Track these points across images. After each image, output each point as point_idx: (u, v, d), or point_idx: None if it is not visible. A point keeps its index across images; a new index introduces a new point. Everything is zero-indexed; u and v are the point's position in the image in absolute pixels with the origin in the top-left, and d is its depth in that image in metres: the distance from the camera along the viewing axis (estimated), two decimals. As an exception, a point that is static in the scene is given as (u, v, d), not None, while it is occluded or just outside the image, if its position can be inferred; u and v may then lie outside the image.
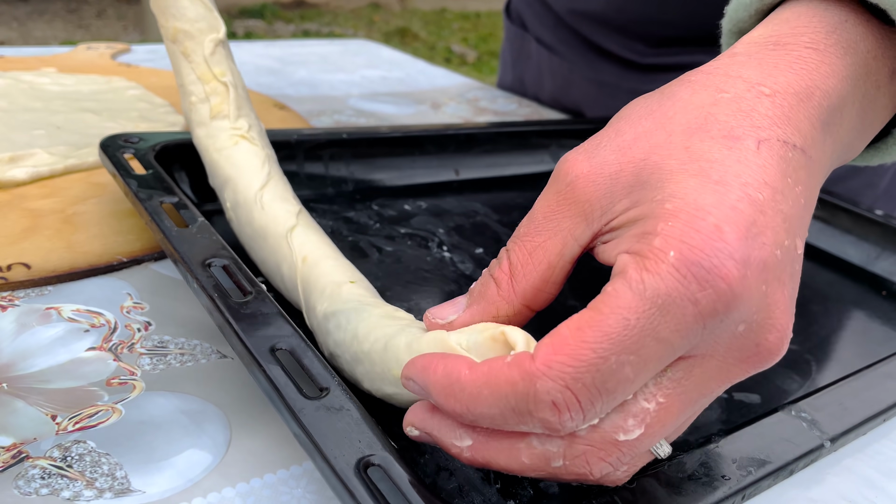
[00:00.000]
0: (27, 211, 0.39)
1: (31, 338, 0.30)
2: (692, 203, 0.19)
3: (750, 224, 0.19)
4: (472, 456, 0.21)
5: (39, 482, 0.23)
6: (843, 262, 0.46)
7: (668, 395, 0.19)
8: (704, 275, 0.18)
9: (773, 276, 0.19)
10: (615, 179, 0.21)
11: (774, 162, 0.20)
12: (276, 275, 0.31)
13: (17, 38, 3.43)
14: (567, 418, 0.18)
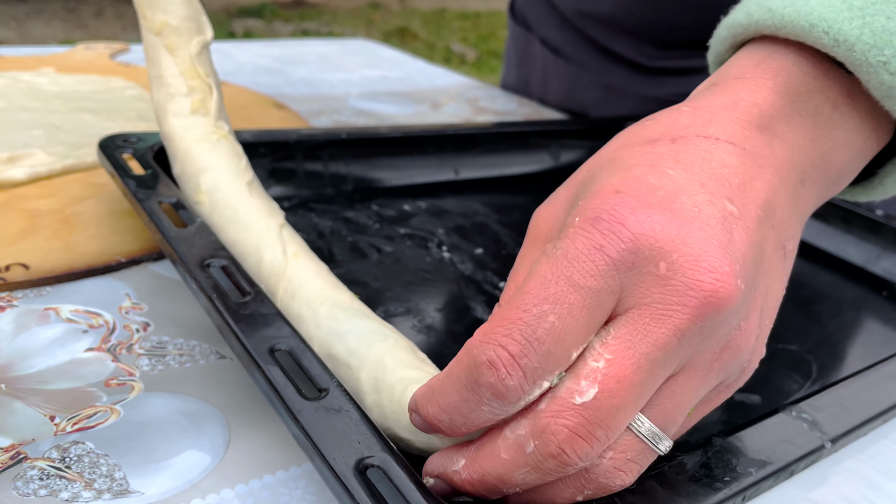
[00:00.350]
0: (25, 211, 0.39)
1: (30, 338, 0.30)
2: (601, 185, 0.21)
3: (652, 188, 0.20)
4: (469, 474, 0.21)
5: (38, 483, 0.23)
6: (844, 263, 0.46)
7: (614, 351, 0.19)
8: (605, 226, 0.20)
9: (686, 222, 0.20)
10: (563, 204, 0.23)
11: (689, 150, 0.22)
12: (252, 259, 0.31)
13: (16, 37, 3.43)
14: (505, 374, 0.19)
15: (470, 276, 0.39)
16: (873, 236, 0.45)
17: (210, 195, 0.33)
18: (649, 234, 0.19)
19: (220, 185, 0.33)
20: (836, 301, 0.42)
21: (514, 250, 0.42)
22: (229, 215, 0.32)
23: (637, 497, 0.22)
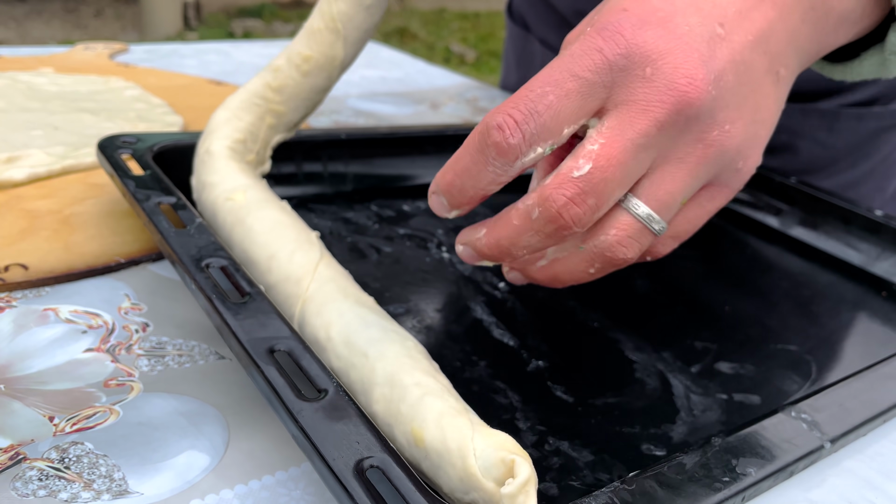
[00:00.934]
0: (24, 212, 0.39)
1: (29, 339, 0.30)
2: (612, 4, 0.25)
3: (654, 9, 0.24)
4: (487, 239, 0.26)
5: (37, 484, 0.23)
6: (843, 263, 0.46)
7: (606, 136, 0.24)
8: (607, 33, 0.24)
9: (677, 38, 0.24)
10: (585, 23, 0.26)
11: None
12: (285, 251, 0.31)
13: (15, 37, 3.43)
14: (508, 135, 0.23)
15: (469, 276, 0.39)
16: (872, 236, 0.45)
17: (246, 193, 0.34)
18: (642, 44, 0.24)
19: (258, 191, 0.35)
20: (836, 301, 0.42)
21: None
22: (267, 214, 0.33)
23: (636, 497, 0.22)
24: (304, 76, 0.39)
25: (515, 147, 0.23)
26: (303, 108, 0.40)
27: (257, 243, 0.31)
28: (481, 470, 0.21)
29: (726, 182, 0.28)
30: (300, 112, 0.40)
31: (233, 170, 0.36)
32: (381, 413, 0.24)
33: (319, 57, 0.39)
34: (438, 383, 0.25)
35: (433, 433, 0.22)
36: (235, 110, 0.39)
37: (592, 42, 0.24)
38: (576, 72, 0.24)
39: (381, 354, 0.25)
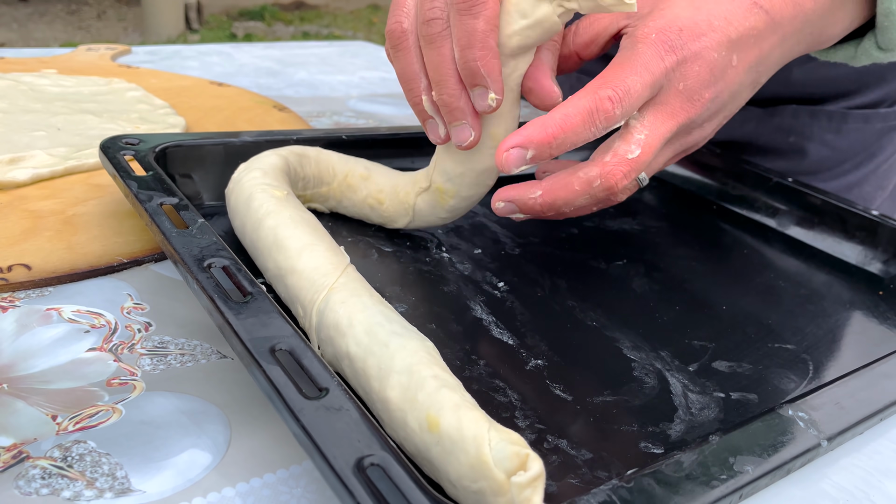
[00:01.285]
0: (27, 212, 0.39)
1: (32, 338, 0.30)
2: (675, 15, 0.33)
3: (701, 34, 0.33)
4: (543, 199, 0.33)
5: (40, 482, 0.23)
6: (840, 262, 0.46)
7: (648, 129, 0.33)
8: (665, 44, 0.32)
9: (707, 67, 0.33)
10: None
11: (739, 10, 0.34)
12: (321, 245, 0.32)
13: (18, 39, 3.43)
14: (616, 106, 0.31)
15: (469, 276, 0.39)
16: (868, 236, 0.45)
17: (287, 194, 0.36)
18: (688, 65, 0.32)
19: (295, 198, 0.37)
20: (832, 300, 0.42)
21: (512, 251, 0.42)
22: (305, 215, 0.34)
23: (635, 495, 0.22)
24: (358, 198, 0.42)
25: (618, 117, 0.31)
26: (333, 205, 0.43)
27: (292, 232, 0.33)
28: (494, 460, 0.21)
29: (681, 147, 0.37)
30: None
31: (284, 173, 0.39)
32: (395, 399, 0.24)
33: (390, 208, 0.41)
34: (455, 379, 0.25)
35: (449, 420, 0.23)
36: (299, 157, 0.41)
37: (661, 51, 0.32)
38: (650, 69, 0.32)
39: (401, 346, 0.26)
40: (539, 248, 0.43)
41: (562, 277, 0.40)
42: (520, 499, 0.21)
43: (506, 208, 0.35)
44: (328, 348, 0.28)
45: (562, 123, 0.31)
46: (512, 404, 0.29)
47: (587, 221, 0.48)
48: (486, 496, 0.21)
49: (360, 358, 0.26)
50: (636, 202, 0.53)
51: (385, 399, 0.25)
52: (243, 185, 0.36)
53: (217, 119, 0.58)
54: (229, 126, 0.56)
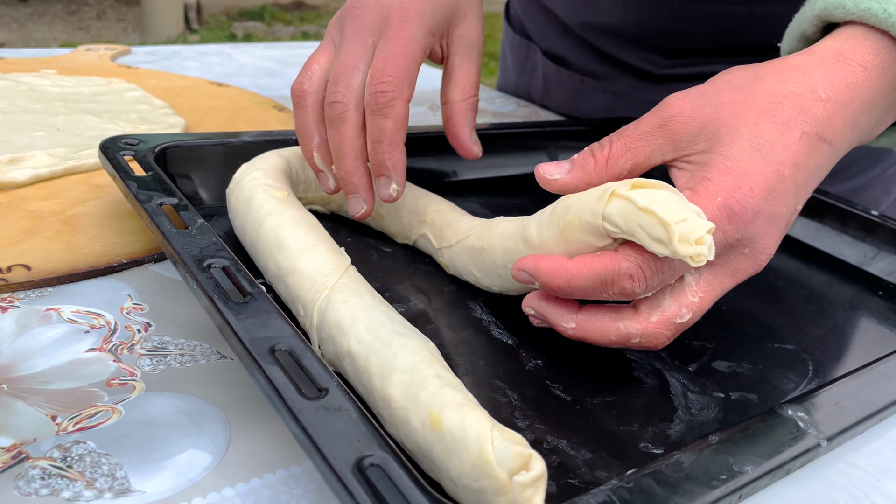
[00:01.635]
0: (27, 212, 0.39)
1: (32, 339, 0.30)
2: (743, 168, 0.29)
3: (771, 190, 0.29)
4: (574, 334, 0.30)
5: (39, 482, 0.23)
6: (840, 262, 0.46)
7: (704, 291, 0.30)
8: (734, 217, 0.29)
9: (775, 224, 0.30)
10: (703, 127, 0.30)
11: (806, 149, 0.30)
12: (323, 245, 0.32)
13: (17, 39, 3.43)
14: (637, 285, 0.28)
15: (469, 276, 0.39)
16: (869, 236, 0.45)
17: (288, 195, 0.36)
18: (752, 232, 0.29)
19: (296, 199, 0.37)
20: (832, 300, 0.42)
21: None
22: (306, 217, 0.34)
23: (634, 495, 0.22)
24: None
25: (637, 294, 0.28)
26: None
27: (293, 232, 0.33)
28: (497, 459, 0.21)
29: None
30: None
31: (285, 173, 0.39)
32: (397, 397, 0.24)
33: (391, 227, 0.42)
34: (456, 379, 0.25)
35: (452, 418, 0.23)
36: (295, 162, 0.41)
37: (725, 222, 0.28)
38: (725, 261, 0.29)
39: (404, 345, 0.26)
40: (539, 248, 0.43)
41: (561, 277, 0.39)
42: (521, 498, 0.21)
43: (533, 319, 0.32)
44: (329, 347, 0.28)
45: (571, 279, 0.28)
46: (511, 404, 0.29)
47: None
48: (487, 495, 0.21)
49: (362, 356, 0.26)
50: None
51: (387, 397, 0.25)
52: (244, 185, 0.36)
53: (217, 119, 0.58)
54: (229, 126, 0.56)
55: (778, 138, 0.29)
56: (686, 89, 0.32)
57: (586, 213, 0.28)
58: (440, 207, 0.40)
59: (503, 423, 0.27)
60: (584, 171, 0.31)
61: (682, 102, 0.31)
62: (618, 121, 0.60)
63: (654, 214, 0.26)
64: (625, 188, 0.27)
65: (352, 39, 0.36)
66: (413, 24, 0.36)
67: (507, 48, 0.81)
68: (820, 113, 0.30)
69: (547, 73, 0.73)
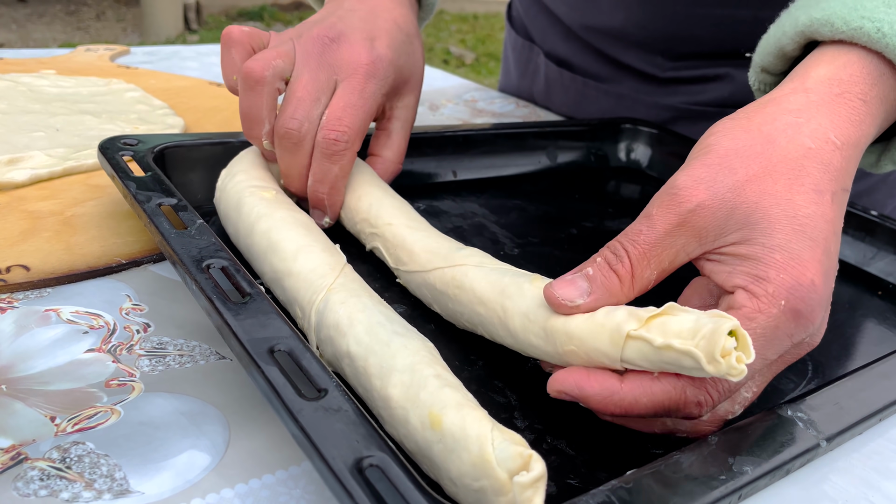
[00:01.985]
0: (26, 213, 0.39)
1: (31, 339, 0.30)
2: (796, 258, 0.26)
3: (826, 273, 0.27)
4: (614, 420, 0.27)
5: (38, 483, 0.23)
6: (840, 262, 0.46)
7: (759, 386, 0.28)
8: (801, 317, 0.26)
9: (829, 301, 0.28)
10: (730, 215, 0.27)
11: (838, 210, 0.28)
12: (318, 245, 0.32)
13: (17, 40, 3.43)
14: (705, 409, 0.25)
15: (468, 276, 0.39)
16: (868, 237, 0.45)
17: (277, 194, 0.36)
18: (819, 324, 0.27)
19: (286, 196, 0.37)
20: (832, 301, 0.42)
21: (511, 251, 0.42)
22: (298, 216, 0.34)
23: (634, 495, 0.22)
24: None
25: (703, 416, 0.26)
26: None
27: (286, 234, 0.33)
28: (497, 459, 0.21)
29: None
30: None
31: (265, 168, 0.39)
32: (397, 397, 0.24)
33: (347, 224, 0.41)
34: (456, 379, 0.25)
35: (453, 418, 0.23)
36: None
37: (786, 327, 0.26)
38: (765, 356, 0.26)
39: (403, 345, 0.26)
40: (538, 248, 0.43)
41: (561, 278, 0.39)
42: (521, 499, 0.21)
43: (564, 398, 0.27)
44: (328, 348, 0.28)
45: (627, 408, 0.25)
46: (511, 405, 0.29)
47: (586, 222, 0.48)
48: (486, 495, 0.21)
49: (362, 357, 0.26)
50: (637, 202, 0.53)
51: (386, 397, 0.25)
52: (229, 191, 0.36)
53: (216, 120, 0.58)
54: (228, 127, 0.56)
55: (815, 210, 0.27)
56: (690, 167, 0.28)
57: (600, 356, 0.26)
58: (394, 220, 0.37)
59: (503, 423, 0.27)
60: (609, 293, 0.26)
61: (695, 190, 0.27)
62: (617, 121, 0.60)
63: (673, 349, 0.24)
64: (636, 324, 0.25)
65: (318, 69, 0.38)
66: (377, 83, 0.39)
67: (509, 50, 0.81)
68: (839, 163, 0.28)
69: (549, 75, 0.73)
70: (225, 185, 0.37)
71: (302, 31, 0.40)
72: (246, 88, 0.38)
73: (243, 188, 0.36)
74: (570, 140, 0.57)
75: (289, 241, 0.32)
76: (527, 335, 0.28)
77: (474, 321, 0.31)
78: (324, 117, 0.38)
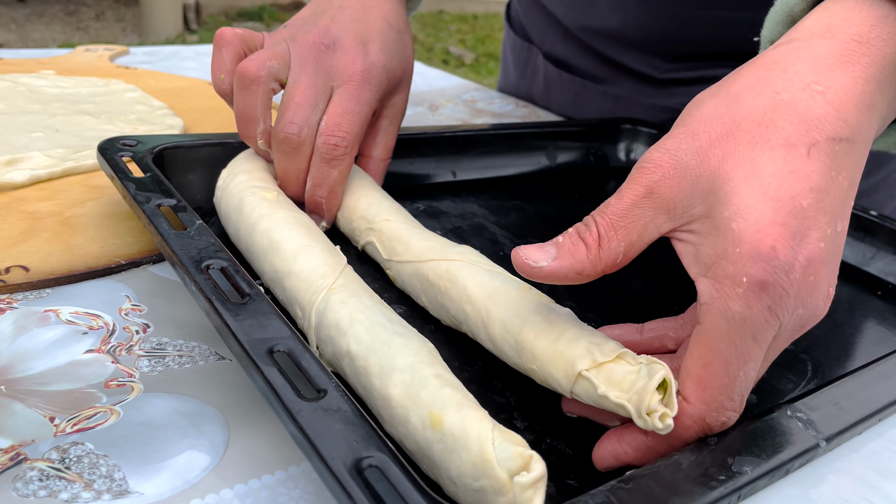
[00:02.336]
0: (25, 213, 0.39)
1: (30, 340, 0.30)
2: (754, 225, 0.24)
3: (795, 233, 0.24)
4: (629, 455, 0.26)
5: (37, 484, 0.23)
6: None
7: (764, 368, 0.26)
8: (768, 288, 0.23)
9: (818, 264, 0.24)
10: (695, 184, 0.25)
11: (821, 164, 0.24)
12: (318, 246, 0.32)
13: (16, 40, 3.43)
14: (727, 421, 0.25)
15: (468, 277, 0.39)
16: (868, 236, 0.45)
17: (278, 195, 0.36)
18: (799, 288, 0.24)
19: (286, 198, 0.37)
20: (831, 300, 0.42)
21: (510, 251, 0.42)
22: (299, 217, 0.34)
23: (633, 496, 0.22)
24: None
25: (730, 422, 0.25)
26: None
27: (287, 234, 0.33)
28: (498, 459, 0.21)
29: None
30: None
31: (267, 170, 0.39)
32: (397, 396, 0.24)
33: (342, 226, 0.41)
34: (456, 380, 0.25)
35: (453, 418, 0.23)
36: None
37: (761, 304, 0.24)
38: (758, 338, 0.24)
39: (404, 345, 0.26)
40: (538, 248, 0.43)
41: (560, 278, 0.39)
42: (521, 499, 0.21)
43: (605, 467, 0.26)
44: (328, 348, 0.28)
45: (667, 450, 0.25)
46: (510, 405, 0.29)
47: (586, 222, 0.48)
48: (486, 495, 0.21)
49: (362, 356, 0.26)
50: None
51: (386, 396, 0.25)
52: (231, 190, 0.36)
53: (215, 120, 0.58)
54: (228, 127, 0.56)
55: (782, 166, 0.24)
56: (660, 140, 0.26)
57: (554, 383, 0.26)
58: (391, 217, 0.37)
59: (502, 424, 0.27)
60: (574, 258, 0.25)
61: (660, 159, 0.25)
62: (616, 121, 0.60)
63: (609, 400, 0.24)
64: (589, 363, 0.25)
65: (315, 74, 0.39)
66: (372, 89, 0.40)
67: (507, 50, 0.81)
68: (821, 110, 0.25)
69: (548, 75, 0.73)
70: (226, 184, 0.37)
71: (295, 32, 0.40)
72: (241, 88, 0.38)
73: (245, 188, 0.36)
74: (569, 140, 0.57)
75: (290, 241, 0.32)
76: (503, 343, 0.29)
77: (460, 318, 0.31)
78: (322, 123, 0.38)
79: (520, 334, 0.28)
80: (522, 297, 0.29)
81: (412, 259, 0.34)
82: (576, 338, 0.26)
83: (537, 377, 0.27)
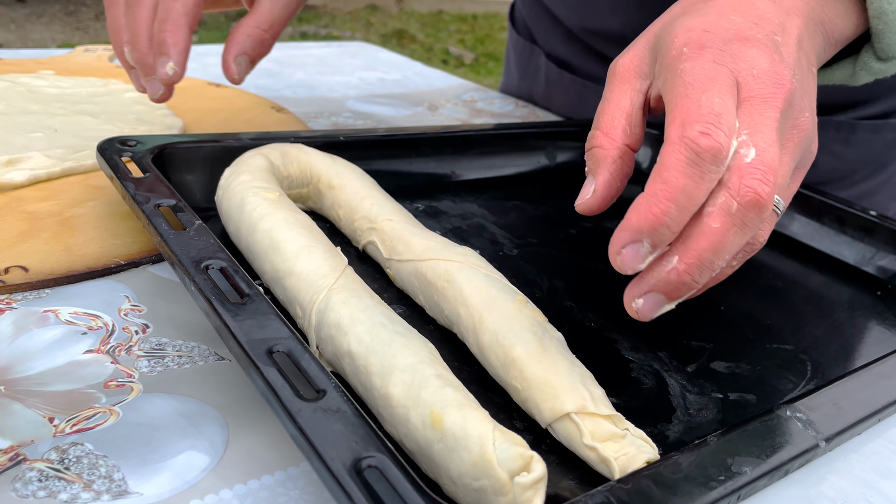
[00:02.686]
0: (25, 214, 0.39)
1: (29, 340, 0.30)
2: (689, 26, 0.28)
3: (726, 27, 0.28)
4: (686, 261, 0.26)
5: (37, 485, 0.23)
6: (838, 263, 0.46)
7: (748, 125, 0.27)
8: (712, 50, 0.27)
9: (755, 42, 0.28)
10: (645, 49, 0.30)
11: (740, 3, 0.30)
12: (319, 246, 0.32)
13: (15, 40, 3.43)
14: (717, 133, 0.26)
15: (467, 277, 0.39)
16: (867, 236, 0.45)
17: (279, 196, 0.36)
18: (742, 51, 0.28)
19: (287, 199, 0.37)
20: (831, 301, 0.42)
21: (510, 251, 0.42)
22: (300, 217, 0.34)
23: (633, 496, 0.22)
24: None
25: (727, 144, 0.26)
26: None
27: (288, 234, 0.33)
28: (498, 459, 0.21)
29: (804, 164, 0.31)
30: None
31: (270, 172, 0.39)
32: (398, 396, 0.24)
33: (345, 228, 0.41)
34: (456, 380, 0.25)
35: (454, 418, 0.23)
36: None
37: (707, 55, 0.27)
38: (713, 76, 0.27)
39: (404, 345, 0.26)
40: (537, 248, 0.43)
41: (560, 278, 0.40)
42: (521, 500, 0.21)
43: (646, 304, 0.27)
44: (328, 347, 0.28)
45: (665, 192, 0.25)
46: (510, 405, 0.29)
47: (585, 222, 0.48)
48: (486, 495, 0.21)
49: (362, 355, 0.26)
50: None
51: (387, 395, 0.25)
52: (233, 189, 0.36)
53: (215, 120, 0.58)
54: (227, 127, 0.56)
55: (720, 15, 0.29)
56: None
57: (532, 408, 0.27)
58: (393, 217, 0.37)
59: (502, 424, 0.27)
60: (604, 163, 0.29)
61: (617, 58, 0.31)
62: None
63: (597, 452, 0.25)
64: (577, 406, 0.26)
65: None
66: None
67: (510, 51, 0.81)
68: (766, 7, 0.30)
69: (550, 76, 0.73)
70: (228, 183, 0.37)
71: None
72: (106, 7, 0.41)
73: (247, 188, 0.36)
74: (569, 140, 0.57)
75: (291, 241, 0.32)
76: (490, 353, 0.29)
77: (452, 319, 0.32)
78: None
79: (511, 350, 0.28)
80: (518, 311, 0.30)
81: (412, 258, 0.34)
82: (567, 372, 0.27)
83: (517, 396, 0.28)
